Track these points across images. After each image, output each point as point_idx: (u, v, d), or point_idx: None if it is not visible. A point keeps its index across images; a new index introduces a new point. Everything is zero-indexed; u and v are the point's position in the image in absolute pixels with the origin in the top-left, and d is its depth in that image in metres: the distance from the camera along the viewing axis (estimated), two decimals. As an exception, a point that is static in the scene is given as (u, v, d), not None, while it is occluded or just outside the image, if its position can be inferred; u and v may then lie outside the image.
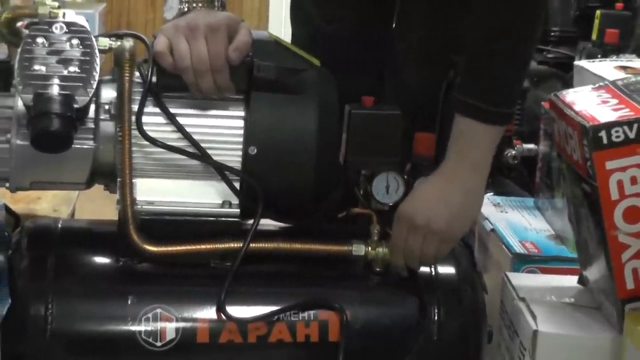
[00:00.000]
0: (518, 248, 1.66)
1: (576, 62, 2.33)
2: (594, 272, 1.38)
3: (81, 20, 1.43)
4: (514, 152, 2.26)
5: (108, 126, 1.44)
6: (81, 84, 1.39)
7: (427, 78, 1.75)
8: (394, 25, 1.84)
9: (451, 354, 1.45)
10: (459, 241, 1.54)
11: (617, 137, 1.24)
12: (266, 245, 1.45)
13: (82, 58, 1.39)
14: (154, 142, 1.43)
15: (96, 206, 1.78)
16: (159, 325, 1.40)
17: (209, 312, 1.41)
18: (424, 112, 1.71)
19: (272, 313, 1.42)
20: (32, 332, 1.38)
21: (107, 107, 1.44)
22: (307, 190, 1.48)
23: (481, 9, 1.50)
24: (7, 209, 1.41)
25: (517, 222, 1.79)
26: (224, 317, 1.40)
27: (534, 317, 1.36)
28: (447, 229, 1.46)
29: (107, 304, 1.43)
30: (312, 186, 1.48)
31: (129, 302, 1.41)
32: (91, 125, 1.44)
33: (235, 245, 1.43)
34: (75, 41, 1.40)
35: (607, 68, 2.08)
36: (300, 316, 1.42)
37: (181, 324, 1.41)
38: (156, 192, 1.45)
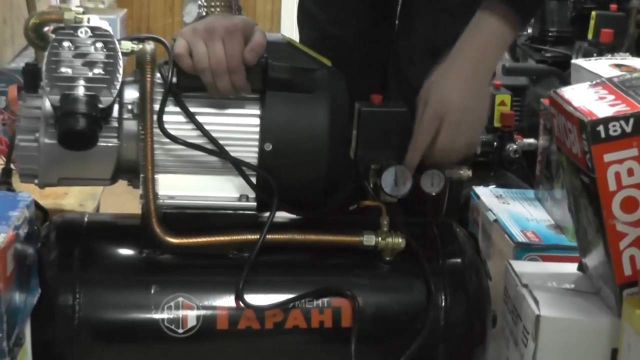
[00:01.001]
0: (520, 237, 1.66)
1: (573, 61, 2.33)
2: (593, 259, 1.38)
3: (104, 24, 1.43)
4: (515, 146, 2.25)
5: (131, 125, 1.44)
6: (105, 85, 1.39)
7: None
8: (396, 27, 1.84)
9: (457, 337, 1.45)
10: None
11: (615, 131, 1.24)
12: (281, 236, 1.45)
13: (106, 60, 1.40)
14: (174, 139, 1.43)
15: (120, 201, 1.78)
16: (181, 313, 1.40)
17: (228, 300, 1.41)
18: None
19: (288, 301, 1.42)
20: (60, 320, 1.39)
21: (130, 106, 1.44)
22: (319, 184, 1.49)
23: None
24: (36, 204, 1.41)
25: (518, 212, 1.79)
26: (242, 304, 1.40)
27: (536, 302, 1.35)
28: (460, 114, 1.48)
29: (131, 293, 1.43)
30: (324, 180, 1.49)
31: (152, 291, 1.41)
32: (115, 124, 1.44)
33: (252, 236, 1.43)
34: (99, 45, 1.40)
35: (602, 66, 2.07)
36: (315, 303, 1.42)
37: (202, 312, 1.41)
38: (177, 187, 1.46)
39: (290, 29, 5.27)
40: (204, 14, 1.51)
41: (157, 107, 1.43)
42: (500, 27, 1.53)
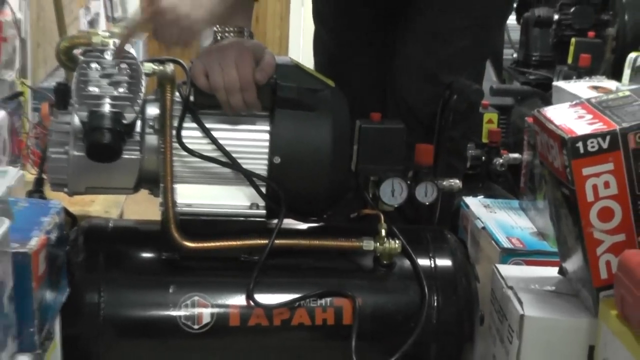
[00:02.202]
0: (505, 243, 1.66)
1: (554, 83, 2.33)
2: (572, 264, 1.37)
3: (128, 47, 1.44)
4: (501, 160, 2.25)
5: (152, 139, 1.44)
6: (129, 103, 1.39)
7: (425, 97, 1.74)
8: (396, 52, 1.84)
9: (448, 335, 1.45)
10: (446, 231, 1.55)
11: (592, 147, 1.23)
12: (288, 241, 1.45)
13: (130, 80, 1.40)
14: (191, 152, 1.43)
15: (142, 208, 1.78)
16: (196, 310, 1.40)
17: (239, 299, 1.41)
18: (423, 127, 1.70)
19: (294, 300, 1.41)
20: (86, 317, 1.39)
21: (151, 122, 1.44)
22: (323, 194, 1.49)
23: None
24: (66, 211, 1.41)
25: (504, 221, 1.79)
26: (252, 303, 1.40)
27: (520, 303, 1.35)
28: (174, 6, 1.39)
29: (151, 292, 1.43)
30: (327, 190, 1.49)
31: (170, 291, 1.41)
32: (137, 138, 1.44)
33: (262, 241, 1.43)
34: (123, 66, 1.40)
35: (581, 88, 2.07)
36: (318, 303, 1.42)
37: (215, 310, 1.41)
38: (193, 196, 1.46)
39: (296, 52, 5.29)
40: (219, 38, 1.52)
41: (175, 123, 1.43)
42: None
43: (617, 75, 2.47)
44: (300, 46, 5.44)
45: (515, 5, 3.19)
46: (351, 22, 1.89)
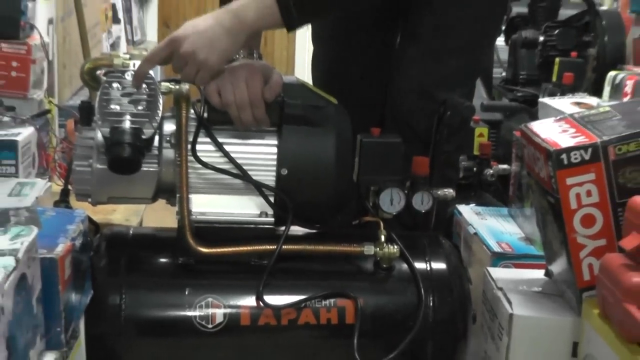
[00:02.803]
0: (496, 247, 1.65)
1: (540, 99, 2.34)
2: (558, 267, 1.37)
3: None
4: (491, 171, 2.25)
5: (169, 153, 1.45)
6: (147, 120, 1.40)
7: (421, 114, 1.74)
8: (393, 72, 1.84)
9: (443, 333, 1.45)
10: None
11: (576, 158, 1.23)
12: (295, 247, 1.45)
13: (148, 99, 1.40)
14: (205, 165, 1.43)
15: (159, 216, 1.78)
16: (210, 311, 1.40)
17: (250, 301, 1.41)
18: (419, 140, 1.70)
19: (300, 301, 1.41)
20: (109, 317, 1.39)
21: (168, 137, 1.45)
22: (327, 203, 1.49)
23: None
24: (89, 219, 1.41)
25: (494, 227, 1.78)
26: (262, 304, 1.40)
27: (509, 302, 1.35)
28: (192, 51, 1.40)
29: (168, 294, 1.43)
30: (331, 199, 1.49)
31: (186, 293, 1.41)
32: (155, 152, 1.44)
33: (271, 247, 1.43)
34: (143, 85, 1.41)
35: (565, 104, 2.08)
36: (323, 303, 1.42)
37: (228, 310, 1.41)
38: (207, 205, 1.46)
39: (302, 72, 5.28)
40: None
41: (190, 138, 1.43)
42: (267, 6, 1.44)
43: (597, 92, 2.47)
44: (306, 66, 5.42)
45: (503, 27, 3.20)
46: (348, 45, 1.89)
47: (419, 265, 1.47)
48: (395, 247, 1.46)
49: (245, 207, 1.46)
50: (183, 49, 1.40)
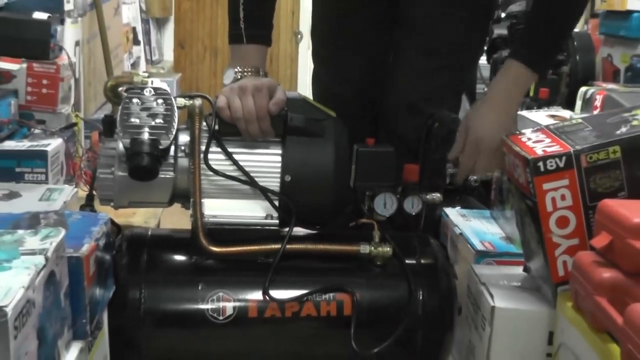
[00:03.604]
0: (479, 246, 1.65)
1: (519, 112, 2.33)
2: (535, 264, 1.37)
3: (164, 85, 1.44)
4: (475, 177, 2.24)
5: (184, 161, 1.44)
6: (164, 132, 1.39)
7: (412, 126, 1.74)
8: (386, 89, 1.85)
9: (431, 324, 1.44)
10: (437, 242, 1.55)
11: (551, 166, 1.23)
12: (298, 246, 1.45)
13: (165, 113, 1.40)
14: (216, 172, 1.43)
15: (175, 219, 1.78)
16: (221, 304, 1.40)
17: (257, 295, 1.41)
18: (410, 150, 1.70)
19: (303, 295, 1.41)
20: (130, 310, 1.39)
21: (183, 147, 1.44)
22: (327, 207, 1.48)
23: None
24: (112, 222, 1.41)
25: (478, 228, 1.78)
26: (268, 298, 1.40)
27: (491, 296, 1.35)
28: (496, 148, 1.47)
29: (183, 289, 1.43)
30: (330, 204, 1.48)
31: (199, 288, 1.41)
32: (171, 161, 1.44)
33: (276, 246, 1.43)
34: (160, 101, 1.41)
35: (541, 116, 2.07)
36: (323, 297, 1.42)
37: (237, 303, 1.41)
38: (218, 208, 1.46)
39: (304, 88, 5.29)
40: (239, 77, 1.52)
41: (203, 147, 1.43)
42: (522, 75, 1.54)
43: (570, 105, 2.47)
44: (307, 83, 5.47)
45: (485, 48, 3.19)
46: (344, 65, 1.89)
47: (410, 262, 1.47)
48: (388, 246, 1.46)
49: (252, 211, 1.46)
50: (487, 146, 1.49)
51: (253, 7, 1.56)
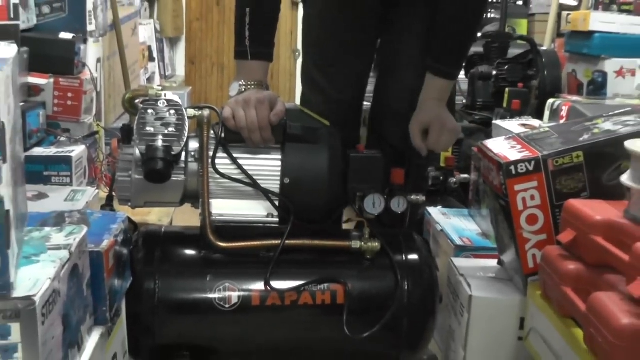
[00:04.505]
0: (458, 241, 1.66)
1: (494, 122, 2.33)
2: (508, 257, 1.37)
3: (176, 98, 1.44)
4: (455, 180, 2.25)
5: (193, 166, 1.44)
6: (176, 139, 1.39)
7: (399, 135, 1.74)
8: (376, 101, 1.85)
9: (416, 311, 1.44)
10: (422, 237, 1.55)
11: (522, 169, 1.24)
12: (296, 242, 1.44)
13: (177, 122, 1.40)
14: (223, 175, 1.43)
15: (186, 217, 1.77)
16: (227, 293, 1.40)
17: (259, 285, 1.41)
18: (396, 155, 1.70)
19: (300, 285, 1.41)
20: (145, 299, 1.39)
21: (192, 153, 1.44)
22: (322, 207, 1.48)
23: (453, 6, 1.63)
24: (129, 220, 1.41)
25: (457, 225, 1.79)
26: (269, 288, 1.40)
27: (469, 286, 1.35)
28: (454, 127, 1.66)
29: (193, 280, 1.43)
30: (325, 204, 1.48)
31: (208, 279, 1.41)
32: (182, 165, 1.44)
33: (276, 242, 1.43)
34: (172, 111, 1.41)
35: (513, 125, 2.07)
36: (319, 287, 1.42)
37: (241, 293, 1.41)
38: (224, 208, 1.45)
39: (302, 100, 5.28)
40: (243, 89, 1.52)
41: (211, 153, 1.43)
42: (443, 84, 1.68)
43: (539, 115, 2.47)
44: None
45: (463, 64, 3.20)
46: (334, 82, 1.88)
47: (396, 256, 1.47)
48: (377, 242, 1.46)
49: (255, 210, 1.46)
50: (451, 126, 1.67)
51: (258, 27, 1.56)
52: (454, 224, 1.80)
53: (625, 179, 1.08)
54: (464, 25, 1.67)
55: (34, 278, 0.93)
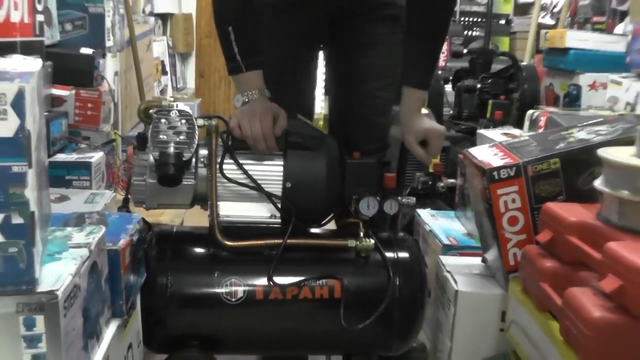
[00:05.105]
0: (446, 241, 1.66)
1: (478, 131, 2.34)
2: (491, 255, 1.37)
3: (187, 108, 1.45)
4: (442, 184, 2.25)
5: (203, 171, 1.44)
6: (187, 146, 1.39)
7: (366, 136, 1.72)
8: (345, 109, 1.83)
9: (406, 305, 1.44)
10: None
11: (504, 175, 1.24)
12: (296, 241, 1.44)
13: (187, 131, 1.40)
14: (230, 180, 1.43)
15: (196, 218, 1.77)
16: (233, 288, 1.40)
17: (263, 281, 1.41)
18: (389, 162, 1.69)
19: (300, 281, 1.41)
20: (158, 293, 1.39)
21: (202, 159, 1.44)
22: (321, 209, 1.48)
23: (426, 19, 1.60)
24: (144, 220, 1.41)
25: (445, 225, 1.79)
26: (272, 283, 1.40)
27: (455, 282, 1.35)
28: (444, 131, 1.64)
29: (202, 276, 1.42)
30: (324, 206, 1.48)
31: (215, 275, 1.41)
32: (192, 170, 1.44)
33: (278, 241, 1.43)
34: (183, 121, 1.41)
35: (496, 134, 2.08)
36: (317, 283, 1.42)
37: (246, 288, 1.40)
38: (231, 210, 1.45)
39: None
40: (246, 100, 1.52)
41: (218, 160, 1.43)
42: (419, 95, 1.64)
43: (520, 125, 2.48)
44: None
45: (450, 78, 3.20)
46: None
47: (389, 254, 1.46)
48: (371, 241, 1.46)
49: (259, 211, 1.46)
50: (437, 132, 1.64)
51: (244, 41, 1.51)
52: (442, 224, 1.80)
53: (598, 183, 1.09)
54: (434, 41, 1.64)
55: (57, 274, 0.93)
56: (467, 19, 4.60)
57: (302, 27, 1.72)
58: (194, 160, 1.44)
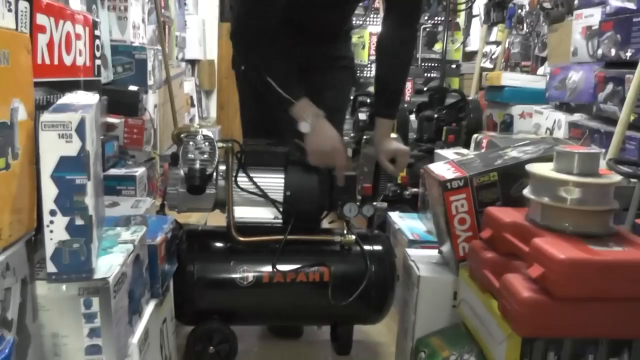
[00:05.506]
0: (411, 237, 1.66)
1: (436, 151, 2.34)
2: (445, 248, 1.37)
3: (210, 133, 1.44)
4: (408, 192, 2.25)
5: (221, 182, 1.44)
6: (209, 163, 1.40)
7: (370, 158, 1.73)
8: None
9: (380, 286, 1.44)
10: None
11: (455, 185, 1.24)
12: (295, 237, 1.44)
13: (210, 151, 1.40)
14: (243, 189, 1.43)
15: (217, 219, 1.77)
16: (245, 274, 1.40)
17: (268, 268, 1.41)
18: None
19: (298, 268, 1.41)
20: (187, 278, 1.39)
21: (221, 173, 1.44)
22: (314, 212, 1.48)
23: (392, 70, 1.60)
24: (176, 221, 1.40)
25: (410, 224, 1.79)
26: (275, 270, 1.40)
27: (418, 269, 1.35)
28: (408, 151, 1.59)
29: (221, 265, 1.42)
30: (316, 210, 1.48)
31: (231, 264, 1.41)
32: (214, 182, 1.44)
33: (280, 237, 1.42)
34: (207, 143, 1.41)
35: (449, 153, 2.08)
36: (311, 269, 1.42)
37: (255, 274, 1.40)
38: (244, 213, 1.45)
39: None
40: (310, 121, 1.41)
41: (234, 173, 1.43)
42: (388, 123, 1.61)
43: (467, 146, 2.49)
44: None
45: (414, 109, 3.21)
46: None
47: (366, 247, 1.47)
48: (352, 236, 1.46)
49: (265, 214, 1.46)
50: (404, 151, 1.60)
51: (283, 81, 1.40)
52: (408, 224, 1.80)
53: (526, 192, 1.09)
54: (399, 83, 1.64)
55: (109, 264, 0.93)
56: (426, 64, 4.63)
57: None
58: (215, 174, 1.44)
